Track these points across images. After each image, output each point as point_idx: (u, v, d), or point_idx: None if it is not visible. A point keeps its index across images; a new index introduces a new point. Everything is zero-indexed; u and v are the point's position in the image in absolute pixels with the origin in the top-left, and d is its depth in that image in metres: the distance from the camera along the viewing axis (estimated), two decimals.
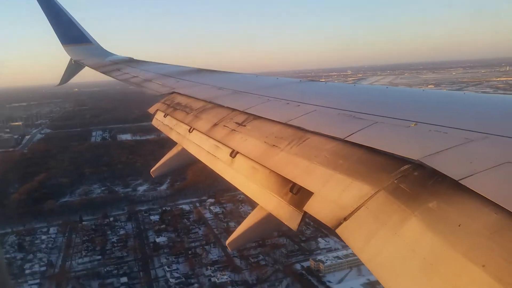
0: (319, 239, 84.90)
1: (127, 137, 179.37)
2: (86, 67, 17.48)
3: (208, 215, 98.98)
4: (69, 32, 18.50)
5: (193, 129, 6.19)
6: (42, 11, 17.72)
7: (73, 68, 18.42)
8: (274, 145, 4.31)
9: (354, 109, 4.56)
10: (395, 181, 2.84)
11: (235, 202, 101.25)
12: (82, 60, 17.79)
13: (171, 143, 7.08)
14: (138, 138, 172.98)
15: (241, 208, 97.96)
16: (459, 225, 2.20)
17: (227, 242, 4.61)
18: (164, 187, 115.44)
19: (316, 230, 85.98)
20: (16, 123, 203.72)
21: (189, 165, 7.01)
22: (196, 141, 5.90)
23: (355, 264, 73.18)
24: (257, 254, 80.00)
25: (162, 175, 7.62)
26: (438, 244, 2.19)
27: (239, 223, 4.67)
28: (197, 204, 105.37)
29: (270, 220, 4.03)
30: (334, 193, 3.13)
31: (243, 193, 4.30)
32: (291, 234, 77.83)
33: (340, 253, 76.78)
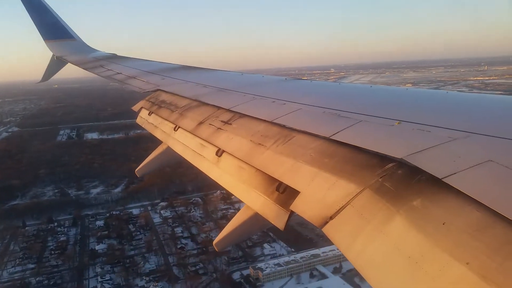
0: (265, 245, 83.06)
1: (93, 135, 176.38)
2: (69, 64, 17.19)
3: (157, 219, 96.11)
4: (51, 27, 18.13)
5: (178, 127, 6.15)
6: (23, 6, 17.33)
7: (56, 64, 18.06)
8: (260, 144, 4.31)
9: (339, 108, 4.58)
10: (380, 180, 2.87)
11: (188, 205, 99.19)
12: (65, 57, 17.46)
13: (135, 143, 6.95)
14: (104, 137, 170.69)
15: (192, 211, 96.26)
16: (443, 223, 2.23)
17: (214, 242, 4.59)
18: (119, 189, 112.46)
19: (263, 235, 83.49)
20: None
21: (175, 164, 6.95)
22: (181, 140, 5.86)
23: (296, 272, 72.23)
24: (198, 262, 77.30)
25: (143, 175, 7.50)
26: (423, 241, 2.22)
27: (187, 228, 4.62)
28: (149, 208, 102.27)
29: (257, 220, 4.02)
30: (320, 191, 3.14)
31: (197, 196, 4.25)
32: None
33: (281, 260, 75.16)
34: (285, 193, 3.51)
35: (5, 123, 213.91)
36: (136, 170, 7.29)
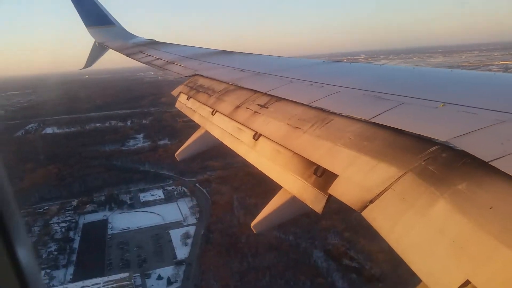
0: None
1: (53, 130, 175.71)
2: (110, 50, 17.62)
3: None
4: (92, 14, 18.63)
5: (216, 111, 6.19)
6: None
7: (97, 50, 18.57)
8: (297, 127, 4.27)
9: (380, 90, 4.47)
10: (423, 163, 2.79)
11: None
12: (106, 43, 17.90)
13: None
14: (61, 130, 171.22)
15: None
16: (490, 208, 2.15)
17: (252, 224, 4.63)
18: None
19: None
20: None
21: (212, 147, 7.03)
22: (219, 124, 5.91)
23: None
24: None
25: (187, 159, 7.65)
26: (468, 226, 2.15)
27: None
28: None
29: (294, 203, 4.00)
30: (359, 175, 3.09)
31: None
32: None
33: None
34: (323, 177, 3.48)
35: None
36: (176, 154, 7.43)
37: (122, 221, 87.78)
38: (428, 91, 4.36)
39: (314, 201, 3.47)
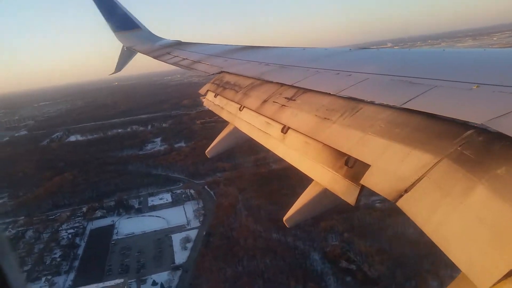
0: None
1: (76, 137, 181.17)
2: (139, 54, 17.94)
3: None
4: (119, 19, 19.01)
5: (243, 107, 6.18)
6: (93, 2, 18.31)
7: (126, 55, 18.96)
8: (325, 118, 4.20)
9: (410, 75, 4.32)
10: (459, 148, 2.67)
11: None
12: (134, 46, 18.25)
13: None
14: (84, 138, 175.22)
15: None
16: None
17: (285, 218, 4.58)
18: None
19: None
20: None
21: (242, 143, 7.03)
22: (247, 119, 5.89)
23: None
24: None
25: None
26: (509, 211, 2.04)
27: None
28: None
29: (326, 195, 3.93)
30: (392, 164, 3.00)
31: None
32: None
33: None
34: (354, 167, 3.40)
35: (20, 128, 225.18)
36: (206, 151, 7.47)
37: (128, 226, 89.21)
38: (460, 72, 4.18)
39: (346, 192, 3.40)
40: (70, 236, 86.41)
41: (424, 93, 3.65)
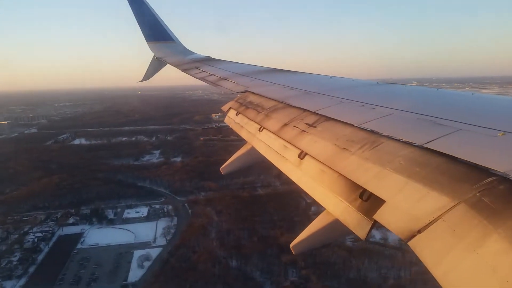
0: None
1: (80, 141, 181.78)
2: (168, 65, 18.27)
3: None
4: (154, 29, 19.49)
5: (263, 128, 6.18)
6: (130, 10, 18.85)
7: (156, 65, 19.34)
8: (344, 148, 4.15)
9: (435, 115, 4.26)
10: (478, 194, 2.60)
11: None
12: (164, 58, 18.60)
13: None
14: (87, 142, 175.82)
15: None
16: None
17: (292, 245, 4.50)
18: None
19: None
20: (2, 122, 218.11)
21: (257, 164, 7.00)
22: (265, 141, 5.88)
23: None
24: None
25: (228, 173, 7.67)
26: None
27: None
28: None
29: (336, 226, 3.86)
30: (408, 202, 2.93)
31: None
32: None
33: None
34: (368, 201, 3.33)
35: (32, 125, 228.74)
36: (221, 168, 7.47)
37: (96, 236, 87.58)
38: (487, 118, 4.11)
39: (358, 226, 3.32)
40: (36, 240, 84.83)
41: (448, 135, 3.59)
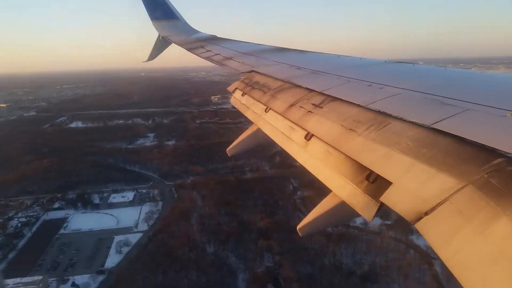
0: None
1: (77, 124, 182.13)
2: (173, 45, 18.10)
3: None
4: (159, 7, 19.26)
5: (269, 109, 6.14)
6: None
7: (161, 44, 19.17)
8: (351, 129, 4.12)
9: (443, 94, 4.21)
10: (485, 176, 2.57)
11: None
12: (169, 37, 18.41)
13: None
14: (84, 125, 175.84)
15: None
16: None
17: (298, 227, 4.52)
18: None
19: None
20: (1, 105, 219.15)
21: (264, 145, 6.98)
22: (271, 122, 5.85)
23: None
24: None
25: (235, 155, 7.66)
26: None
27: None
28: None
29: (343, 209, 3.86)
30: (415, 184, 2.92)
31: None
32: None
33: None
34: (375, 183, 3.32)
35: (31, 108, 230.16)
36: (227, 149, 7.47)
37: (79, 221, 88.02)
38: (496, 98, 4.05)
39: (364, 208, 3.32)
40: (19, 225, 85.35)
41: (456, 115, 3.54)
